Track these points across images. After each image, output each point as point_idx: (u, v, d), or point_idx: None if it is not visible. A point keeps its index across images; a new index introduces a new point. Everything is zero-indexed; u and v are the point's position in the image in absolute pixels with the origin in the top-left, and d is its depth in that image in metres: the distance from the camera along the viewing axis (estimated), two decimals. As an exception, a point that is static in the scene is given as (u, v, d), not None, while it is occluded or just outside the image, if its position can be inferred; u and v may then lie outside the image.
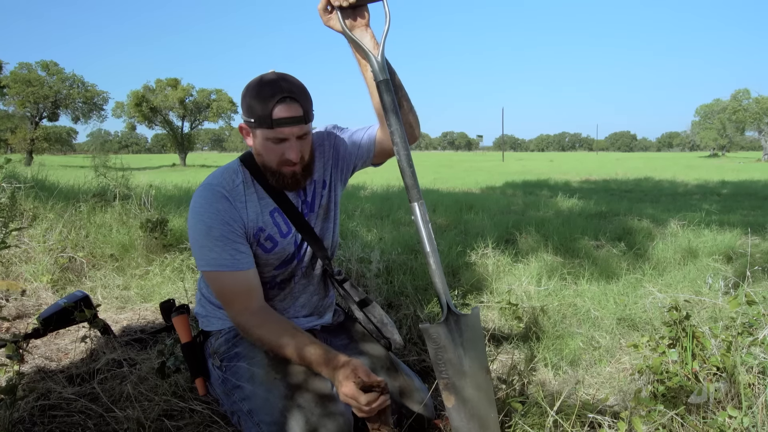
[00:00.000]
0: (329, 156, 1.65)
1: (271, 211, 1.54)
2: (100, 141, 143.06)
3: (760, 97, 53.88)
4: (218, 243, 1.44)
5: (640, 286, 3.22)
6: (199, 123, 48.00)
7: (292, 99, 1.39)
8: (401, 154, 1.40)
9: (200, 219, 1.45)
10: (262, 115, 1.39)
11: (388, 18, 1.43)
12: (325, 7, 1.44)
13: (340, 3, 1.41)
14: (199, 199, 1.48)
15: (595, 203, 8.38)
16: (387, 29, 1.43)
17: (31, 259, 3.48)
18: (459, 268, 3.64)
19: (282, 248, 1.57)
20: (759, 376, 1.60)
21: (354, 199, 8.63)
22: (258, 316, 1.46)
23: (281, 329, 1.43)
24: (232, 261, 1.45)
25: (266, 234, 1.53)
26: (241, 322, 1.47)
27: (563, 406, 1.52)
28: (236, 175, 1.52)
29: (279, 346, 1.41)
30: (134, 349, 2.40)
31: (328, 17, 1.46)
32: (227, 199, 1.47)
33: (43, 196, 4.54)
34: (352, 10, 1.45)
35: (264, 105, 1.38)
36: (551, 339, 2.45)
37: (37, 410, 1.81)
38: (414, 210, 1.38)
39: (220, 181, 1.49)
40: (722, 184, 14.46)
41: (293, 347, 1.39)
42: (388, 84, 1.41)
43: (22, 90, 37.51)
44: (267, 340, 1.43)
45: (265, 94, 1.38)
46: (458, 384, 1.33)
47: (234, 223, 1.46)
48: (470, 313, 1.37)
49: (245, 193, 1.51)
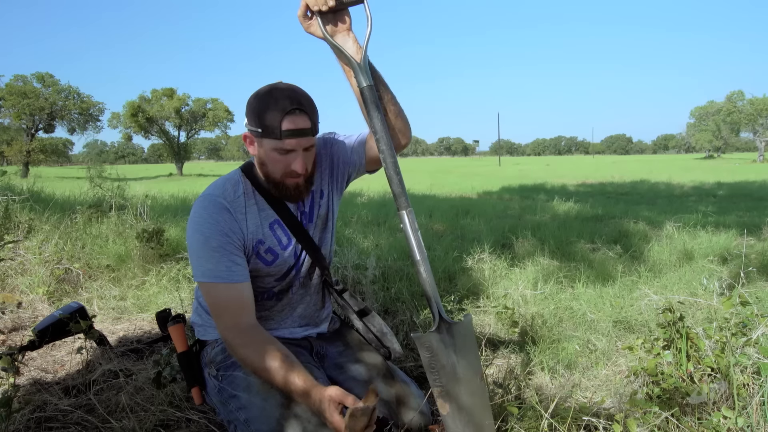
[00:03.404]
0: (326, 166, 1.64)
1: (270, 223, 1.53)
2: (96, 152, 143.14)
3: (754, 99, 54.24)
4: (215, 254, 1.42)
5: (636, 288, 3.22)
6: (195, 132, 48.05)
7: (301, 111, 1.38)
8: (387, 162, 1.38)
9: (198, 229, 1.44)
10: (270, 126, 1.37)
11: (370, 21, 1.41)
12: (305, 13, 1.42)
13: (320, 7, 1.39)
14: (199, 210, 1.46)
15: (592, 206, 8.41)
16: (369, 33, 1.41)
17: (27, 271, 3.47)
18: (455, 273, 3.64)
19: (283, 260, 1.55)
20: (753, 377, 1.60)
21: (351, 205, 8.65)
22: (246, 335, 1.42)
23: (266, 352, 1.37)
24: (227, 273, 1.43)
25: (266, 246, 1.52)
26: (228, 338, 1.43)
27: (559, 409, 1.52)
28: (237, 186, 1.50)
29: (263, 370, 1.36)
30: (130, 359, 2.39)
31: (308, 23, 1.43)
32: (228, 210, 1.45)
33: (39, 208, 4.53)
34: (333, 14, 1.42)
35: (273, 116, 1.36)
36: (547, 343, 2.46)
37: (33, 422, 1.80)
38: (403, 218, 1.36)
39: (221, 192, 1.48)
40: (718, 186, 14.52)
41: (276, 374, 1.34)
42: (372, 90, 1.39)
43: (18, 102, 37.46)
44: (251, 362, 1.39)
45: (275, 105, 1.37)
46: (453, 391, 1.32)
47: (233, 235, 1.45)
48: (462, 320, 1.36)
49: (246, 205, 1.49)
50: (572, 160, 65.41)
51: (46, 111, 39.24)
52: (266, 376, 1.36)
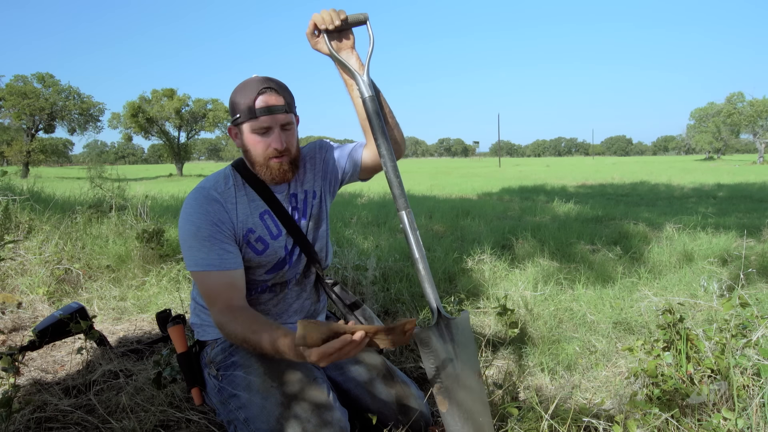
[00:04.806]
0: (320, 168, 1.71)
1: (261, 213, 1.59)
2: (96, 152, 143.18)
3: (754, 100, 54.23)
4: (206, 243, 1.48)
5: (635, 289, 3.23)
6: (195, 133, 48.01)
7: (273, 90, 1.48)
8: (388, 165, 1.47)
9: (189, 220, 1.49)
10: (245, 108, 1.47)
11: (372, 40, 1.52)
12: (313, 31, 1.53)
13: (326, 26, 1.50)
14: (190, 202, 1.52)
15: (592, 208, 8.40)
16: (371, 50, 1.53)
17: (27, 272, 3.47)
18: (456, 275, 3.65)
19: (273, 250, 1.59)
20: (753, 378, 1.61)
21: (351, 206, 8.65)
22: (234, 312, 1.46)
23: (253, 321, 1.40)
24: (219, 260, 1.48)
25: (256, 235, 1.57)
26: (219, 320, 1.46)
27: (559, 410, 1.52)
28: (227, 179, 1.58)
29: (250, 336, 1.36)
30: (130, 359, 2.39)
31: (315, 41, 1.54)
32: (218, 201, 1.52)
33: (39, 208, 4.53)
34: (338, 33, 1.55)
35: (246, 97, 1.47)
36: (547, 344, 2.46)
37: (33, 423, 1.80)
38: (402, 218, 1.45)
39: (212, 185, 1.55)
40: (718, 187, 14.50)
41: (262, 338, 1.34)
42: (374, 99, 1.50)
43: (18, 102, 37.44)
44: (237, 334, 1.40)
45: (247, 89, 1.48)
46: (451, 387, 1.35)
47: (222, 225, 1.50)
48: (460, 316, 1.42)
49: (236, 195, 1.56)
50: (572, 162, 65.43)
51: (46, 111, 39.21)
52: (253, 343, 1.36)
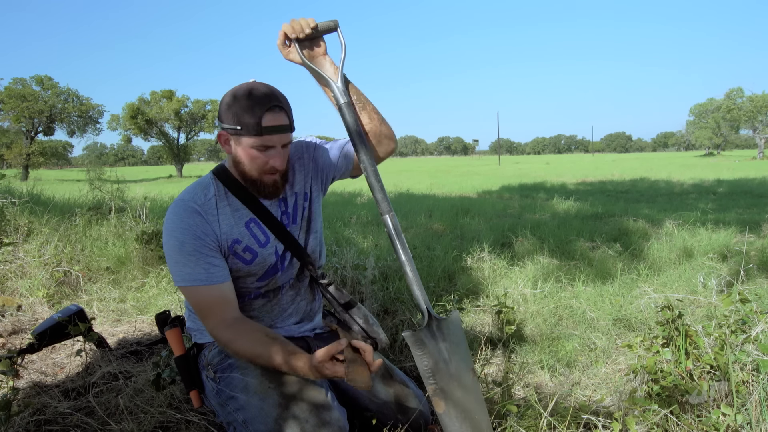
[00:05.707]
0: (309, 168, 1.66)
1: (246, 222, 1.54)
2: (96, 154, 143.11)
3: (753, 96, 54.15)
4: (191, 258, 1.44)
5: (635, 286, 3.23)
6: (194, 134, 48.02)
7: (279, 108, 1.43)
8: (368, 171, 1.48)
9: (172, 235, 1.45)
10: (251, 123, 1.40)
11: (344, 46, 1.53)
12: (283, 41, 1.53)
13: (297, 35, 1.50)
14: (171, 215, 1.48)
15: (591, 205, 8.40)
16: (344, 56, 1.54)
17: (26, 274, 3.47)
18: (455, 273, 3.65)
19: (262, 258, 1.56)
20: (752, 374, 1.60)
21: (350, 206, 8.65)
22: (232, 329, 1.44)
23: (255, 340, 1.41)
24: (206, 275, 1.44)
25: (243, 245, 1.52)
26: (218, 336, 1.45)
27: (558, 407, 1.52)
28: (208, 189, 1.52)
29: (258, 357, 1.39)
30: (130, 361, 2.39)
31: (287, 51, 1.54)
32: (199, 213, 1.47)
33: (39, 211, 4.53)
34: (309, 41, 1.55)
35: (253, 113, 1.40)
36: (547, 341, 2.46)
37: (32, 425, 1.80)
38: (386, 222, 1.45)
39: (192, 196, 1.49)
40: (718, 183, 14.49)
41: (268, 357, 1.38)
42: (348, 106, 1.51)
43: (17, 105, 37.44)
44: (245, 353, 1.41)
45: (254, 103, 1.41)
46: (447, 388, 1.34)
47: (206, 237, 1.46)
48: (450, 316, 1.42)
49: (218, 206, 1.50)
50: (572, 159, 65.42)
51: (45, 114, 39.23)
52: (263, 361, 1.39)
